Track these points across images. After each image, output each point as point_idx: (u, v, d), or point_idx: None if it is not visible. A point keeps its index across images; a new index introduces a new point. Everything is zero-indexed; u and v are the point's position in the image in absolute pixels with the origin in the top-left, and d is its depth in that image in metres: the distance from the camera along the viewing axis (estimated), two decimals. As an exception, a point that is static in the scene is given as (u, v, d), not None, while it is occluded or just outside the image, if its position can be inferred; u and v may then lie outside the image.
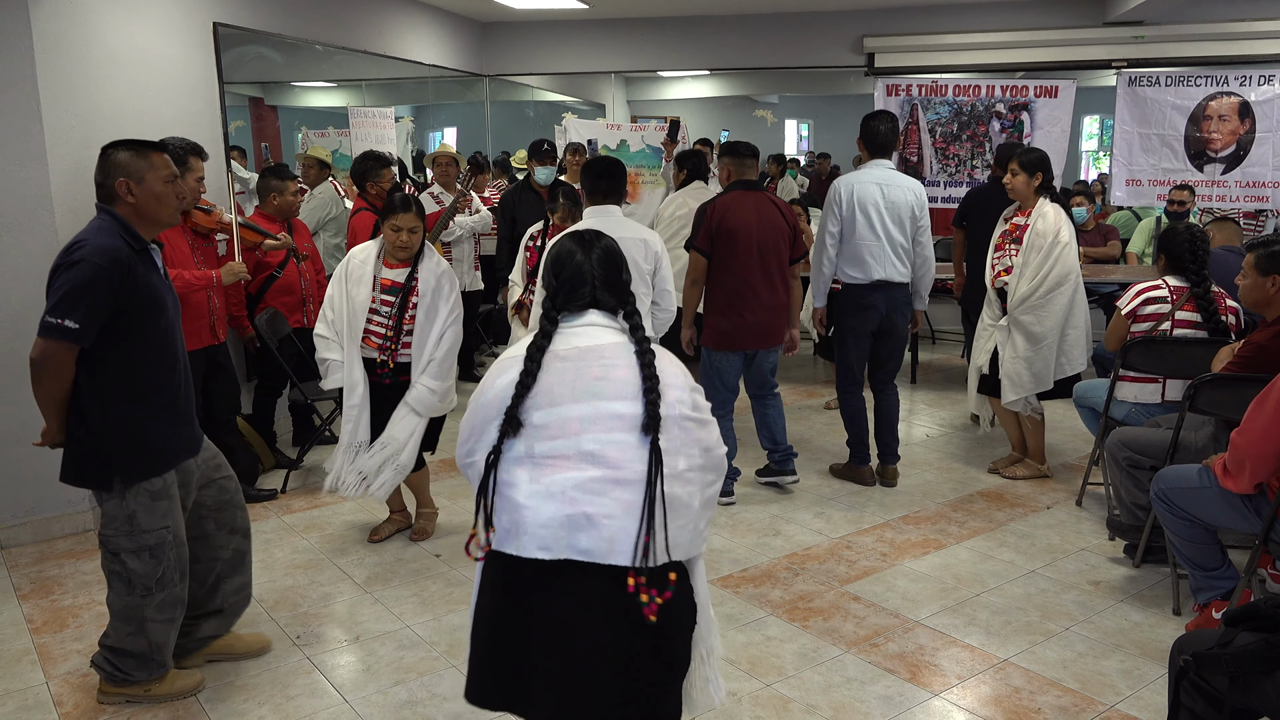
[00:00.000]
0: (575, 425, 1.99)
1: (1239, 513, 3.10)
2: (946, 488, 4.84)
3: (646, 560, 1.94)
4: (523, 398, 2.00)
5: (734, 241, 4.34)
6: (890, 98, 7.57)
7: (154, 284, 2.80)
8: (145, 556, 2.84)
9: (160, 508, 2.85)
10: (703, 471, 2.07)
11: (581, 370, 2.03)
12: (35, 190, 4.12)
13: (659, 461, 1.97)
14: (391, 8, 7.14)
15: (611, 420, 1.99)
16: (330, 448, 5.32)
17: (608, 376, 2.02)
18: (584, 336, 2.08)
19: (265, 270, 4.99)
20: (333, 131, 7.24)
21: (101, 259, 2.64)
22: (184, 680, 3.05)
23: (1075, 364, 4.67)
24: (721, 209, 4.37)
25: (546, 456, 1.99)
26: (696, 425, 2.06)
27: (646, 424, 1.98)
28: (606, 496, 1.96)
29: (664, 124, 7.99)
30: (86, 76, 4.33)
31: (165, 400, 2.84)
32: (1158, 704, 2.90)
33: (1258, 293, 3.48)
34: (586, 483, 1.96)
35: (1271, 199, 7.21)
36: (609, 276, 2.14)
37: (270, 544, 4.20)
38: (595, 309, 2.12)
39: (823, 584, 3.77)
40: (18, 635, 3.45)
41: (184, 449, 2.94)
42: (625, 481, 1.97)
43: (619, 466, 1.97)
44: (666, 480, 1.98)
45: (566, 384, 2.02)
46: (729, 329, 4.43)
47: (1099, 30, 7.52)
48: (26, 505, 4.26)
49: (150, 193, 2.78)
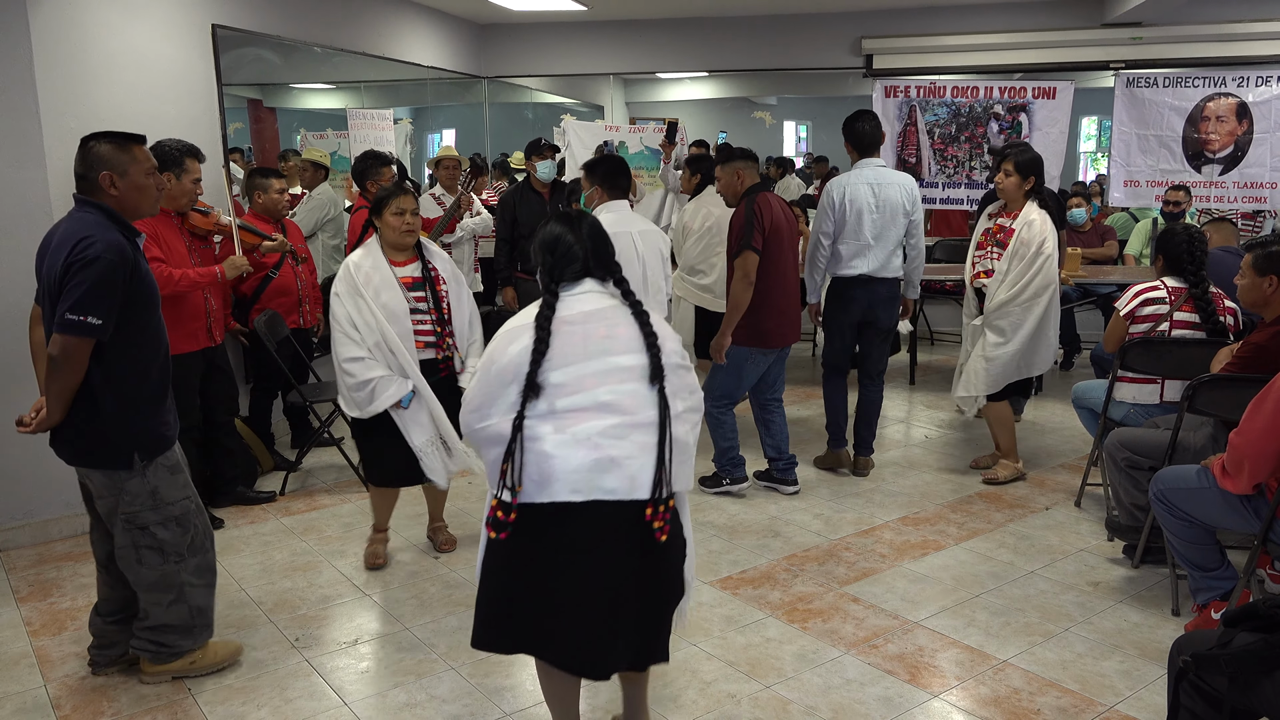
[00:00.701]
0: (591, 380, 2.25)
1: (1238, 513, 3.10)
2: (945, 489, 4.84)
3: (659, 492, 2.25)
4: (539, 362, 2.23)
5: (780, 240, 4.46)
6: (888, 99, 7.57)
7: (149, 274, 2.90)
8: (173, 526, 2.98)
9: (179, 480, 3.00)
10: (693, 412, 2.39)
11: (589, 332, 2.29)
12: (34, 192, 4.12)
13: (666, 405, 2.28)
14: (390, 10, 7.14)
15: (622, 373, 2.28)
16: (329, 449, 5.34)
17: (613, 335, 2.30)
18: (585, 302, 2.33)
19: (262, 271, 4.99)
20: (331, 133, 7.24)
21: (114, 254, 2.72)
22: (225, 649, 3.18)
23: (1036, 369, 4.80)
24: (764, 208, 4.41)
25: (568, 410, 2.24)
26: (685, 371, 2.39)
27: (653, 374, 2.29)
28: (627, 440, 2.24)
29: (662, 125, 7.99)
30: (85, 78, 4.33)
31: (164, 381, 2.97)
32: (1157, 704, 2.90)
33: (1255, 293, 3.48)
34: (608, 429, 2.23)
35: (1269, 200, 7.22)
36: (598, 250, 2.40)
37: (269, 546, 4.20)
38: (589, 278, 2.38)
39: (822, 585, 3.77)
40: (15, 638, 3.44)
41: (180, 421, 3.11)
42: (641, 425, 2.26)
43: (634, 412, 2.26)
44: (673, 421, 2.28)
45: (578, 345, 2.27)
46: (774, 327, 4.51)
47: (1097, 31, 7.52)
48: (25, 507, 4.26)
49: (133, 185, 2.83)
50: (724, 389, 4.62)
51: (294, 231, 5.26)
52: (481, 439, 2.30)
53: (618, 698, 2.86)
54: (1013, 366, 4.69)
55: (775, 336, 4.53)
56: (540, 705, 2.95)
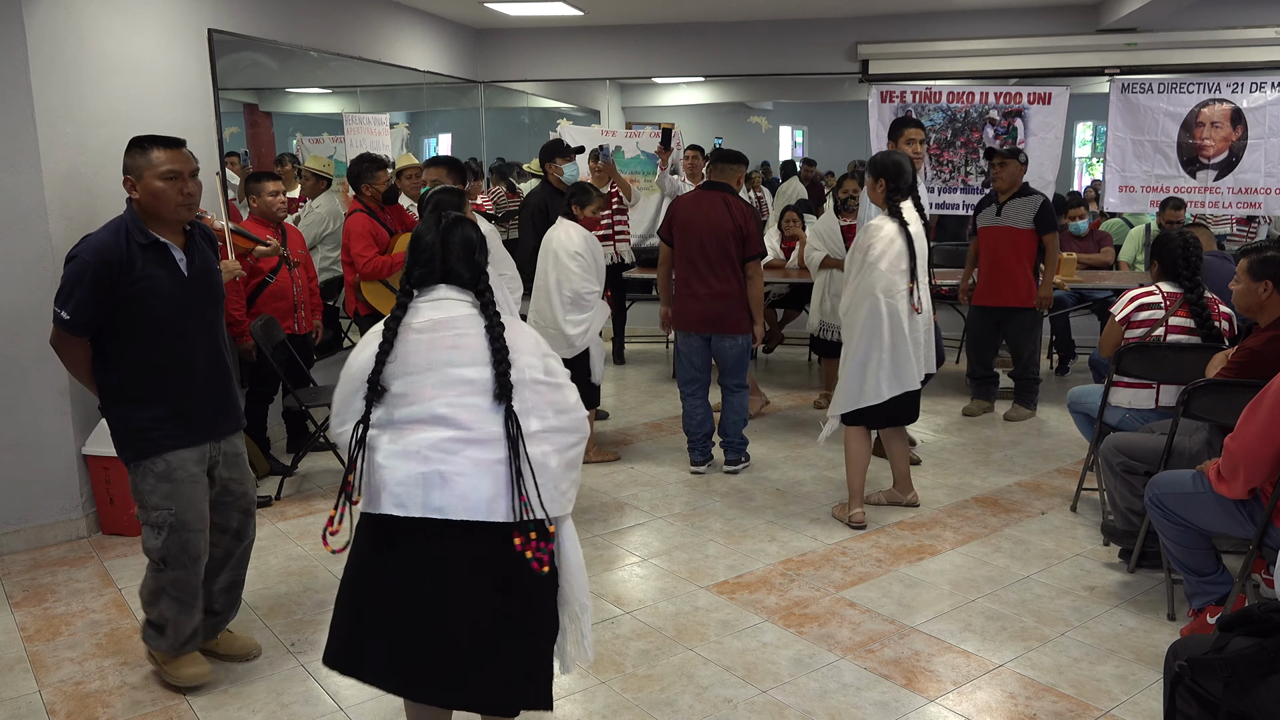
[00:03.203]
0: (429, 391, 2.15)
1: (1233, 518, 3.11)
2: (941, 493, 4.84)
3: (522, 517, 2.10)
4: (381, 367, 2.16)
5: (688, 233, 4.89)
6: (884, 104, 7.59)
7: (156, 279, 2.86)
8: (153, 532, 2.97)
9: (162, 489, 2.94)
10: (559, 433, 2.21)
11: (435, 341, 2.18)
12: (29, 196, 4.11)
13: (516, 423, 2.13)
14: (386, 14, 7.15)
15: (462, 385, 2.15)
16: (325, 454, 5.33)
17: (459, 345, 2.17)
18: (438, 309, 2.22)
19: (258, 276, 4.99)
20: (327, 138, 7.24)
21: (92, 256, 2.77)
22: (190, 668, 3.11)
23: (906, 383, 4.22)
24: (676, 205, 5.01)
25: (405, 421, 2.15)
26: (549, 389, 2.22)
27: (499, 390, 2.14)
28: (459, 455, 2.11)
29: (658, 131, 8.00)
30: (81, 82, 4.33)
31: (167, 387, 2.93)
32: (1153, 709, 2.90)
33: (1250, 298, 3.49)
34: (439, 443, 2.12)
35: (1264, 205, 7.24)
36: (462, 254, 2.25)
37: (264, 551, 4.19)
38: (446, 284, 2.25)
39: (818, 590, 3.77)
40: (10, 644, 3.43)
41: (194, 435, 2.99)
42: (477, 441, 2.12)
43: (470, 428, 2.13)
44: (526, 440, 2.13)
45: (421, 354, 2.17)
46: (680, 310, 4.99)
47: (1092, 37, 7.54)
48: (19, 512, 4.24)
49: (148, 189, 2.84)
50: (677, 372, 5.16)
51: (294, 237, 5.25)
52: (341, 445, 2.25)
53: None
54: (859, 383, 4.20)
55: (684, 320, 4.97)
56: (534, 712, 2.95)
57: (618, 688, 3.06)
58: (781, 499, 4.78)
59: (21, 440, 4.23)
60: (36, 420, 4.23)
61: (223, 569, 3.20)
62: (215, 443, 3.06)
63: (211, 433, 3.04)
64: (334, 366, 6.17)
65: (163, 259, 2.89)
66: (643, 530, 4.40)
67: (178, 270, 2.92)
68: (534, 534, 2.10)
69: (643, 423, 6.17)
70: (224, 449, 3.10)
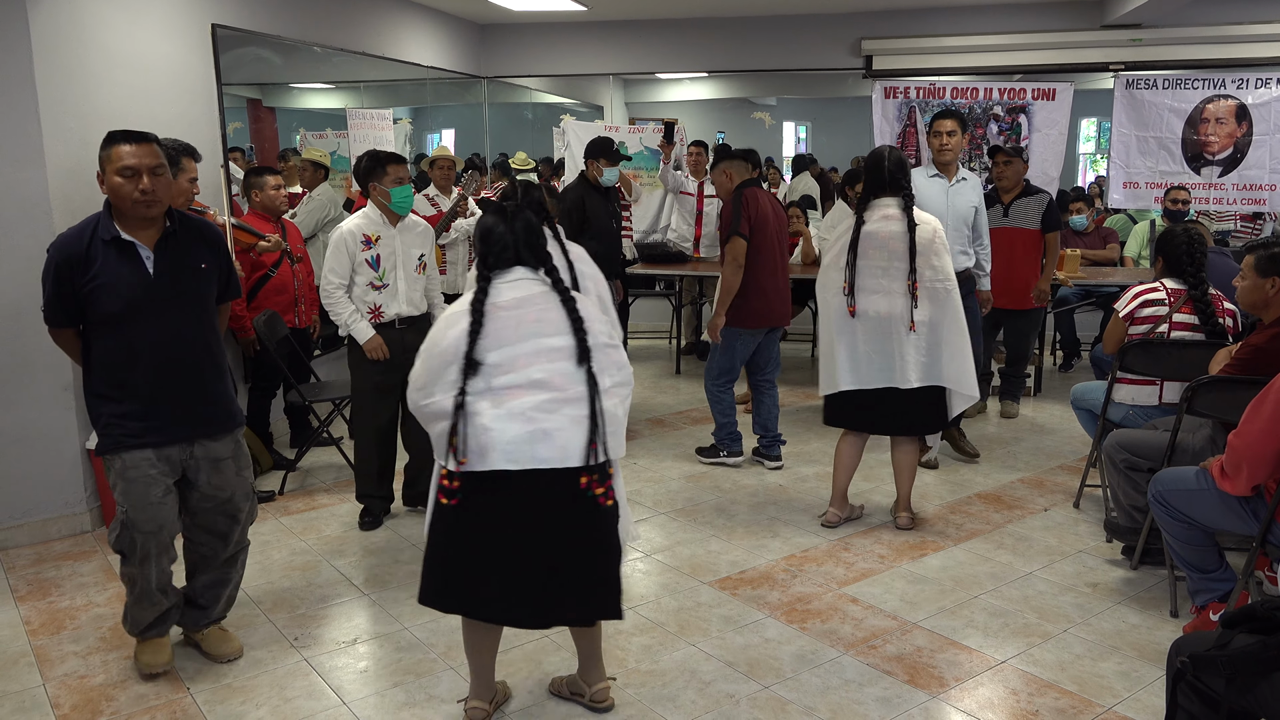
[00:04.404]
0: (524, 360, 2.50)
1: (1236, 515, 3.10)
2: (944, 490, 4.84)
3: (593, 459, 2.51)
4: (474, 344, 2.48)
5: (765, 229, 4.85)
6: (888, 100, 7.57)
7: (115, 275, 2.83)
8: (115, 524, 2.99)
9: (120, 486, 2.95)
10: (622, 387, 2.62)
11: (522, 316, 2.53)
12: (33, 191, 4.12)
13: (594, 381, 2.52)
14: (390, 10, 7.14)
15: (552, 353, 2.52)
16: (328, 449, 5.34)
17: (543, 319, 2.54)
18: (517, 289, 2.57)
19: (260, 270, 5.00)
20: (331, 133, 7.23)
21: (55, 251, 2.85)
22: (147, 655, 3.12)
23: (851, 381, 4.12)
24: (754, 200, 4.85)
25: (504, 388, 2.49)
26: (613, 349, 2.62)
27: (580, 354, 2.53)
28: (558, 414, 2.50)
29: (661, 126, 7.99)
30: (85, 78, 4.33)
31: (123, 386, 2.91)
32: (1155, 706, 2.90)
33: (1257, 294, 3.48)
34: (541, 404, 2.49)
35: (1269, 201, 7.22)
36: (529, 241, 2.61)
37: (268, 545, 4.20)
38: (520, 266, 2.60)
39: (821, 586, 3.77)
40: (14, 637, 3.44)
41: (154, 436, 2.94)
42: (570, 400, 2.51)
43: (563, 389, 2.51)
44: (601, 395, 2.53)
45: (511, 328, 2.51)
46: (757, 309, 4.90)
47: (1096, 33, 7.52)
48: (23, 507, 4.26)
49: (110, 185, 2.84)
50: (721, 367, 5.07)
51: (293, 232, 5.26)
52: (427, 415, 2.55)
53: (563, 664, 2.88)
54: (823, 372, 4.21)
55: (758, 317, 4.92)
56: (536, 704, 2.96)
57: (620, 683, 3.06)
58: (784, 494, 4.78)
59: (26, 435, 4.24)
60: (41, 415, 4.24)
61: (207, 568, 3.18)
62: (188, 446, 3.00)
63: (180, 436, 2.97)
64: (337, 361, 6.18)
65: (125, 257, 2.84)
66: (645, 526, 4.40)
67: (141, 269, 2.86)
68: (596, 475, 2.54)
69: (644, 418, 6.17)
70: (199, 454, 3.02)
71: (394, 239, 4.20)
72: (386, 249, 4.18)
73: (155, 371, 2.91)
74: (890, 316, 4.03)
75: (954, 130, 4.87)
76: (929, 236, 4.01)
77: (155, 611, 3.10)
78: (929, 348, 4.06)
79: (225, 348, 3.17)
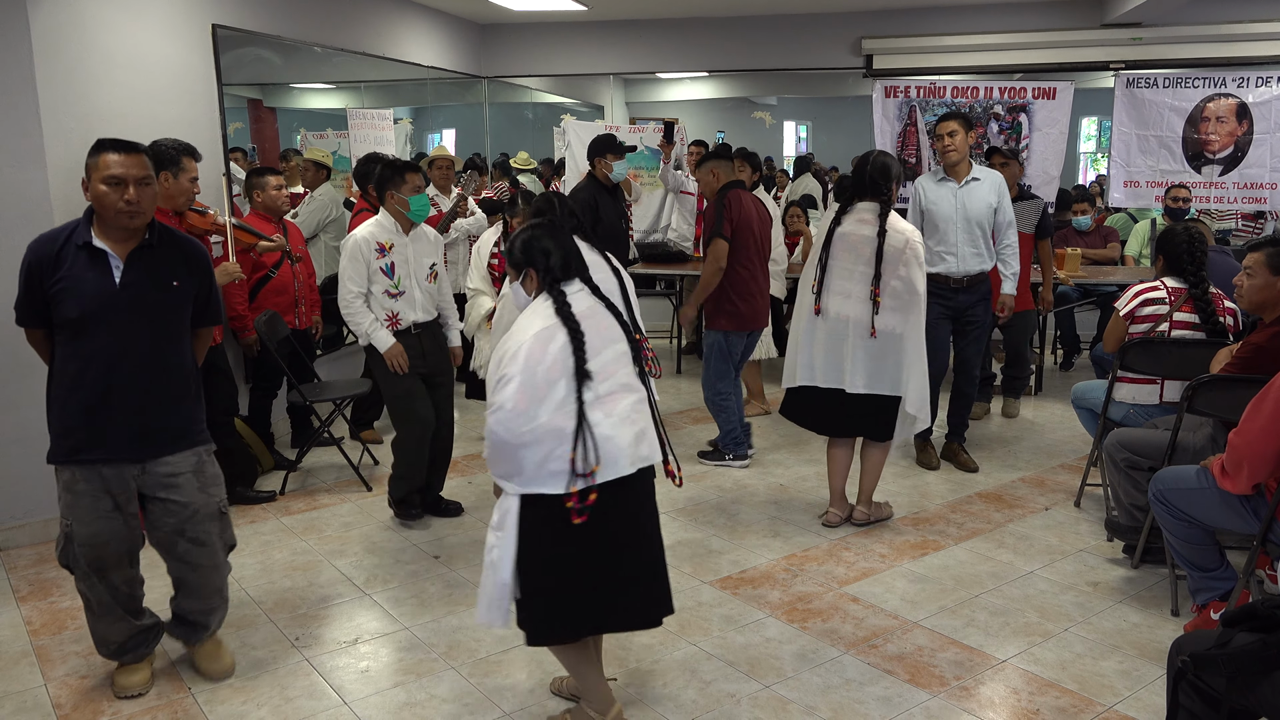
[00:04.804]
0: (613, 366, 2.55)
1: (1237, 514, 3.10)
2: (945, 489, 4.84)
3: (668, 449, 2.68)
4: (583, 353, 2.47)
5: (748, 231, 4.89)
6: (888, 99, 7.57)
7: (80, 281, 2.77)
8: (61, 538, 2.93)
9: (65, 499, 2.88)
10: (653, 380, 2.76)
11: (597, 324, 2.56)
12: (34, 192, 4.12)
13: (647, 379, 2.67)
14: (390, 10, 7.15)
15: (624, 356, 2.60)
16: (329, 449, 5.34)
17: (608, 325, 2.59)
18: (582, 299, 2.59)
19: (260, 270, 5.00)
20: (331, 133, 7.23)
21: (29, 249, 2.84)
22: (121, 677, 3.06)
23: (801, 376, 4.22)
24: (737, 202, 4.86)
25: (607, 394, 2.52)
26: None
27: (635, 356, 2.62)
28: (643, 413, 2.60)
29: (661, 126, 7.98)
30: (85, 78, 4.34)
31: (83, 398, 2.83)
32: (1156, 705, 2.90)
33: (1267, 292, 3.45)
34: (635, 405, 2.57)
35: (1270, 200, 7.21)
36: (577, 253, 2.66)
37: (269, 546, 4.20)
38: (577, 278, 2.64)
39: (821, 585, 3.77)
40: (16, 638, 3.45)
41: (104, 451, 2.85)
42: (644, 399, 2.62)
43: (640, 389, 2.62)
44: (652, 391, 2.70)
45: (597, 336, 2.54)
46: (748, 311, 4.99)
47: (1097, 32, 7.51)
48: (24, 507, 4.26)
49: (93, 192, 2.80)
50: (718, 373, 5.11)
51: (294, 233, 5.26)
52: (528, 438, 2.42)
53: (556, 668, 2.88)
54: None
55: (745, 320, 5.01)
56: (537, 704, 2.96)
57: (622, 682, 3.06)
58: (785, 494, 4.78)
59: (27, 435, 4.24)
60: (41, 416, 4.19)
61: (183, 589, 3.08)
62: (139, 464, 2.89)
63: (131, 454, 2.87)
64: (338, 361, 6.18)
65: (94, 264, 2.78)
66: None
67: (107, 278, 2.79)
68: (669, 461, 2.68)
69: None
70: (152, 469, 2.90)
71: (407, 247, 4.20)
72: (400, 257, 4.18)
73: (103, 383, 2.82)
74: (849, 320, 4.04)
75: (956, 131, 4.80)
76: (899, 245, 3.96)
77: (125, 631, 3.00)
78: (881, 355, 4.03)
79: (197, 367, 3.05)
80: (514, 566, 2.52)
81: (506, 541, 2.51)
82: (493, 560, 2.54)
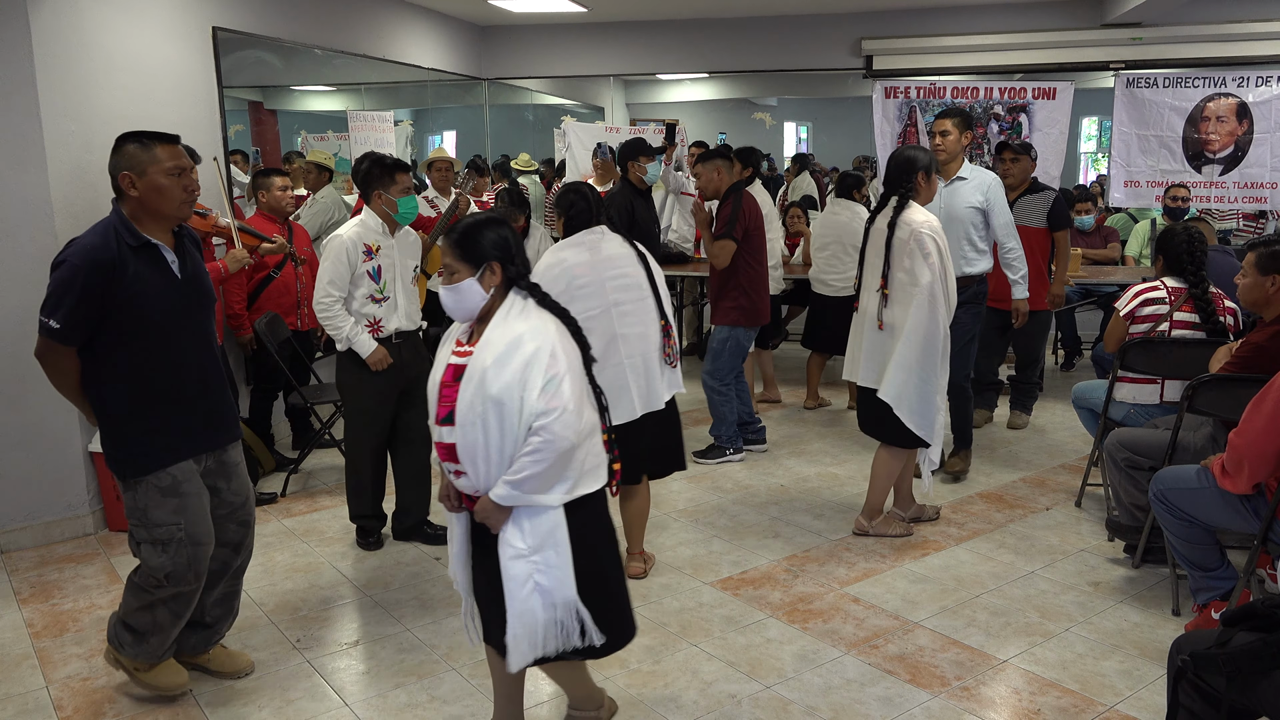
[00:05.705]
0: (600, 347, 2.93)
1: (1237, 513, 3.10)
2: (945, 489, 4.84)
3: None
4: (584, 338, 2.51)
5: (759, 232, 5.08)
6: (888, 100, 7.57)
7: (149, 282, 2.75)
8: (157, 549, 2.83)
9: (169, 504, 2.81)
10: None
11: None
12: (35, 194, 4.13)
13: None
14: (390, 12, 7.15)
15: None
16: (330, 451, 5.34)
17: None
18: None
19: (263, 271, 5.00)
20: (332, 135, 7.25)
21: (81, 260, 2.66)
22: (170, 677, 3.00)
23: None
24: (751, 203, 5.05)
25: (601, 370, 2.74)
26: None
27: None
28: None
29: (662, 127, 7.99)
30: (86, 81, 4.34)
31: (165, 397, 2.81)
32: (1157, 704, 2.90)
33: (1258, 292, 3.48)
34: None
35: (1270, 200, 7.21)
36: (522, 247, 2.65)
37: (270, 547, 4.21)
38: None
39: (822, 586, 3.77)
40: (17, 640, 3.45)
41: (194, 445, 2.88)
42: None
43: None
44: None
45: None
46: (762, 307, 5.16)
47: (1097, 32, 7.52)
48: (27, 509, 4.26)
49: (152, 185, 2.73)
50: (730, 366, 5.20)
51: (300, 234, 5.26)
52: (583, 437, 2.35)
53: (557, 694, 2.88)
54: None
55: (758, 316, 5.18)
56: (539, 704, 2.96)
57: (622, 684, 3.07)
58: (786, 494, 4.78)
59: (29, 438, 4.25)
60: (44, 418, 4.25)
61: (219, 581, 3.08)
62: (211, 452, 2.94)
63: (208, 442, 2.92)
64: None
65: (154, 261, 2.77)
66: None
67: (170, 272, 2.80)
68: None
69: (647, 419, 6.17)
70: (220, 458, 2.97)
71: (393, 249, 4.01)
72: (387, 260, 3.97)
73: (190, 378, 2.84)
74: (866, 312, 4.08)
75: (948, 131, 4.73)
76: (904, 237, 3.90)
77: (181, 627, 3.00)
78: (884, 349, 3.98)
79: (225, 348, 3.15)
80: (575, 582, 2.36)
81: (561, 559, 2.33)
82: (543, 585, 2.33)
